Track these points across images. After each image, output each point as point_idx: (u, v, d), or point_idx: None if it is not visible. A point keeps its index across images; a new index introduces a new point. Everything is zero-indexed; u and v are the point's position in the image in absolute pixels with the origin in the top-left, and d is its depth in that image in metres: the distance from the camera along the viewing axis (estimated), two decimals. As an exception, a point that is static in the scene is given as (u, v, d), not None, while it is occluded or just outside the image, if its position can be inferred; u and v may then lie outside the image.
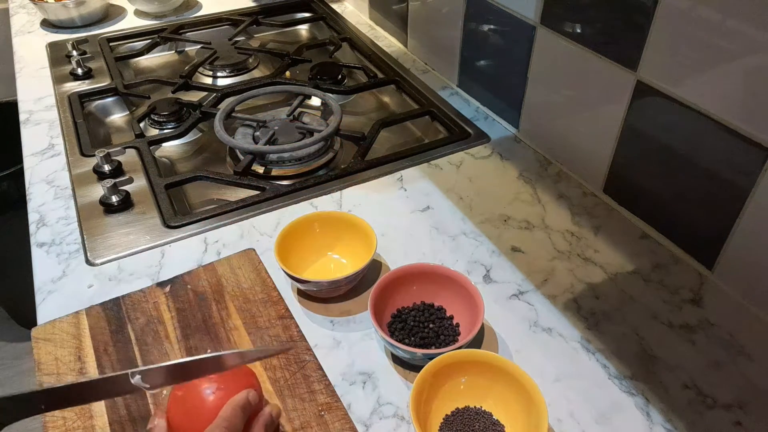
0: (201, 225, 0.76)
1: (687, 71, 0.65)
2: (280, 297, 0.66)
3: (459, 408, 0.55)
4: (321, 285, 0.64)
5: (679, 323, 0.65)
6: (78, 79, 1.09)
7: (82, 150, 0.90)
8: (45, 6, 1.25)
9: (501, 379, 0.55)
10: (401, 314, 0.63)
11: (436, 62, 1.12)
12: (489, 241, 0.75)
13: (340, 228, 0.71)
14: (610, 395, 0.58)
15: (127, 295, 0.66)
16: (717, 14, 0.60)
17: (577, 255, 0.73)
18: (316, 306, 0.67)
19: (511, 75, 0.92)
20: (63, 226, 0.77)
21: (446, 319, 0.63)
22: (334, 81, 1.08)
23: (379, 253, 0.73)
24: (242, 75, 1.15)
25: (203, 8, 1.38)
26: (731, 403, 0.57)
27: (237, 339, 0.62)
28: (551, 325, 0.65)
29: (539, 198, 0.82)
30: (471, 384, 0.56)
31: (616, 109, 0.75)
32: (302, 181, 0.84)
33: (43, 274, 0.70)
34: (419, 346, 0.60)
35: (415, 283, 0.65)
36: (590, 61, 0.76)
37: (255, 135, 0.92)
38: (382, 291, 0.62)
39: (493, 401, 0.55)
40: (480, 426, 0.54)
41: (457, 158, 0.90)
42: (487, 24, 0.94)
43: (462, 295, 0.63)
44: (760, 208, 0.62)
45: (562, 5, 0.78)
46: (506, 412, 0.55)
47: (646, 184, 0.75)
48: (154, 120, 0.99)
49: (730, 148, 0.63)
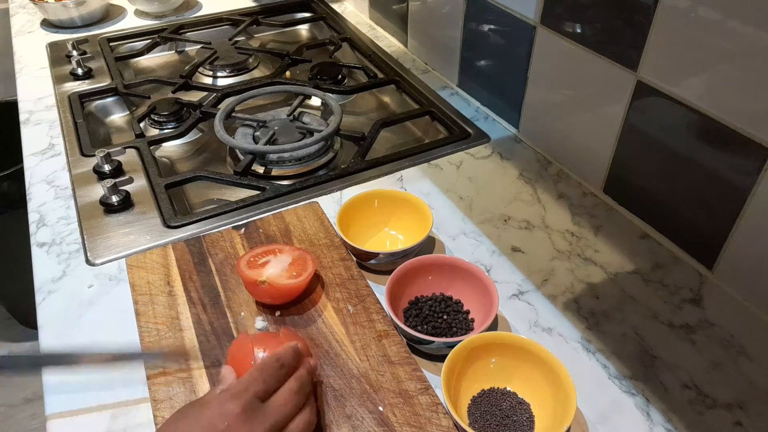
0: (201, 225, 0.76)
1: (687, 71, 0.65)
2: (341, 243, 0.71)
3: (485, 389, 0.57)
4: (380, 258, 0.68)
5: (679, 323, 0.65)
6: (78, 79, 1.09)
7: (82, 150, 0.90)
8: (45, 6, 1.25)
9: (526, 360, 0.56)
10: (418, 302, 0.64)
11: (436, 62, 1.12)
12: (489, 241, 0.75)
13: (396, 205, 0.75)
14: (610, 395, 0.58)
15: (207, 234, 0.74)
16: (717, 14, 0.60)
17: (577, 255, 0.73)
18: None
19: (511, 75, 0.92)
20: (63, 226, 0.77)
21: (461, 313, 0.64)
22: (334, 81, 1.08)
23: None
24: (242, 75, 1.15)
25: (203, 8, 1.38)
26: (731, 403, 0.57)
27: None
28: (551, 325, 0.65)
29: (539, 198, 0.82)
30: (497, 365, 0.58)
31: (616, 109, 0.75)
32: (302, 181, 0.84)
33: (43, 274, 0.70)
34: (430, 334, 0.61)
35: (432, 273, 0.66)
36: (590, 61, 0.76)
37: (255, 135, 0.92)
38: (399, 279, 0.64)
39: (519, 382, 0.57)
40: (507, 405, 0.55)
41: (457, 158, 0.90)
42: (487, 24, 0.94)
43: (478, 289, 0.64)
44: (760, 208, 0.62)
45: (562, 5, 0.78)
46: (532, 393, 0.56)
47: (646, 184, 0.75)
48: (154, 120, 0.99)
49: (730, 148, 0.63)
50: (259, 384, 0.48)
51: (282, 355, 0.51)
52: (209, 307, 0.64)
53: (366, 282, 0.67)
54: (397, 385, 0.56)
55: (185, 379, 0.57)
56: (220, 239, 0.72)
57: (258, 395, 0.47)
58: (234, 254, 0.70)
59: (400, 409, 0.54)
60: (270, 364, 0.50)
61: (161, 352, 0.60)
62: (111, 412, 0.56)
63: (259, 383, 0.48)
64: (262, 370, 0.49)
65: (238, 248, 0.71)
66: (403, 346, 0.60)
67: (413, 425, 0.53)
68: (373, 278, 0.69)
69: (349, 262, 0.69)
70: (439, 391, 0.54)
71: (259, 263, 0.63)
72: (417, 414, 0.54)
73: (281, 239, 0.73)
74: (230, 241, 0.72)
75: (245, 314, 0.63)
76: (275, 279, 0.61)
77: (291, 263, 0.64)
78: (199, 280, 0.67)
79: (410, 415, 0.54)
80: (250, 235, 0.73)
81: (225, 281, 0.67)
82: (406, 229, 0.74)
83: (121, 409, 0.56)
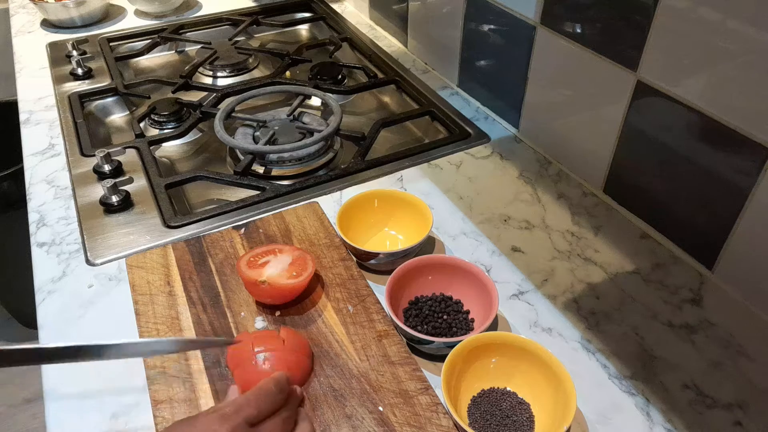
0: (201, 225, 0.76)
1: (687, 71, 0.65)
2: (341, 243, 0.72)
3: (485, 389, 0.57)
4: (380, 258, 0.69)
5: (679, 323, 0.65)
6: (78, 79, 1.09)
7: (82, 150, 0.90)
8: (45, 6, 1.25)
9: (526, 360, 0.56)
10: (418, 302, 0.65)
11: (436, 62, 1.12)
12: (489, 241, 0.75)
13: (396, 205, 0.75)
14: (610, 395, 0.58)
15: (207, 234, 0.74)
16: (717, 14, 0.60)
17: (577, 255, 0.73)
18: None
19: (511, 75, 0.92)
20: (63, 226, 0.77)
21: (461, 313, 0.64)
22: (334, 81, 1.08)
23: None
24: (242, 75, 1.15)
25: (203, 8, 1.38)
26: (731, 403, 0.57)
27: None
28: (551, 325, 0.65)
29: (539, 198, 0.82)
30: (497, 365, 0.58)
31: (616, 109, 0.75)
32: (302, 181, 0.84)
33: (43, 274, 0.70)
34: (430, 334, 0.61)
35: (432, 273, 0.66)
36: (590, 61, 0.76)
37: (255, 135, 0.92)
38: (399, 279, 0.64)
39: (519, 382, 0.57)
40: (507, 405, 0.55)
41: (457, 158, 0.90)
42: (487, 24, 0.94)
43: (478, 289, 0.64)
44: (760, 208, 0.62)
45: (562, 5, 0.78)
46: (532, 393, 0.56)
47: (646, 184, 0.75)
48: (154, 120, 0.99)
49: (730, 148, 0.63)
50: (251, 408, 0.47)
51: (279, 379, 0.51)
52: (209, 307, 0.64)
53: (366, 282, 0.67)
54: (397, 385, 0.56)
55: (185, 379, 0.57)
56: (220, 239, 0.73)
57: (248, 420, 0.46)
58: (234, 254, 0.70)
59: (400, 409, 0.54)
60: (266, 388, 0.49)
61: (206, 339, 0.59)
62: (111, 412, 0.56)
63: (252, 408, 0.47)
64: (256, 395, 0.48)
65: (238, 248, 0.71)
66: (403, 346, 0.60)
67: (413, 425, 0.53)
68: (373, 278, 0.69)
69: (349, 262, 0.69)
70: (439, 391, 0.54)
71: (259, 263, 0.63)
72: (417, 414, 0.54)
73: (281, 239, 0.73)
74: (230, 241, 0.72)
75: (245, 314, 0.63)
76: (275, 279, 0.61)
77: (291, 263, 0.64)
78: (199, 280, 0.67)
79: (410, 415, 0.54)
80: (250, 235, 0.73)
81: (225, 281, 0.67)
82: (406, 229, 0.75)
83: (121, 408, 0.56)
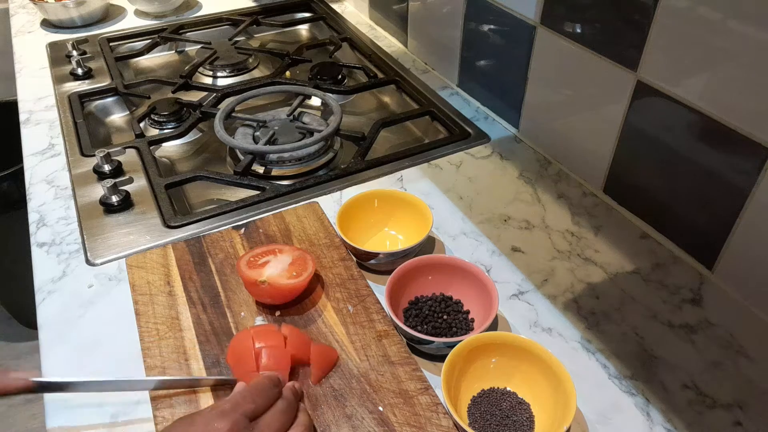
0: (201, 225, 0.76)
1: (687, 71, 0.65)
2: (341, 243, 0.72)
3: (485, 389, 0.57)
4: (380, 258, 0.69)
5: (679, 323, 0.65)
6: (78, 79, 1.09)
7: (82, 150, 0.90)
8: (45, 6, 1.25)
9: (526, 360, 0.56)
10: (418, 302, 0.64)
11: (436, 62, 1.12)
12: (489, 241, 0.75)
13: (396, 205, 0.75)
14: (610, 395, 0.58)
15: (207, 234, 0.74)
16: (717, 14, 0.60)
17: (577, 255, 0.73)
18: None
19: (511, 75, 0.92)
20: (63, 226, 0.77)
21: (461, 313, 0.64)
22: (334, 81, 1.08)
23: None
24: (242, 75, 1.15)
25: (203, 8, 1.38)
26: (731, 403, 0.57)
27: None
28: (551, 325, 0.65)
29: (539, 198, 0.82)
30: (497, 365, 0.58)
31: (616, 109, 0.75)
32: (302, 181, 0.84)
33: (43, 274, 0.70)
34: (430, 334, 0.61)
35: (432, 273, 0.66)
36: (590, 61, 0.76)
37: (255, 135, 0.92)
38: (399, 279, 0.64)
39: (518, 382, 0.57)
40: (507, 405, 0.56)
41: (457, 158, 0.90)
42: (487, 24, 0.94)
43: (478, 289, 0.64)
44: (760, 208, 0.62)
45: (562, 5, 0.78)
46: (532, 393, 0.56)
47: (646, 184, 0.75)
48: (154, 120, 0.99)
49: (730, 148, 0.63)
50: (249, 403, 0.48)
51: (271, 376, 0.52)
52: (209, 307, 0.64)
53: (366, 282, 0.67)
54: (397, 385, 0.56)
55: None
56: (220, 239, 0.73)
57: (247, 414, 0.47)
58: (234, 254, 0.71)
59: (400, 409, 0.54)
60: (262, 383, 0.51)
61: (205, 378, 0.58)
62: (111, 412, 0.56)
63: (249, 402, 0.48)
64: (252, 391, 0.49)
65: (238, 248, 0.71)
66: (403, 346, 0.60)
67: (413, 425, 0.53)
68: (373, 278, 0.69)
69: (349, 262, 0.69)
70: (439, 391, 0.54)
71: (259, 263, 0.63)
72: (417, 414, 0.54)
73: (281, 239, 0.73)
74: (230, 241, 0.72)
75: (245, 314, 0.63)
76: (275, 279, 0.61)
77: (291, 263, 0.64)
78: (199, 280, 0.67)
79: (410, 415, 0.54)
80: (250, 235, 0.73)
81: (225, 281, 0.67)
82: (406, 229, 0.75)
83: (120, 408, 0.56)
